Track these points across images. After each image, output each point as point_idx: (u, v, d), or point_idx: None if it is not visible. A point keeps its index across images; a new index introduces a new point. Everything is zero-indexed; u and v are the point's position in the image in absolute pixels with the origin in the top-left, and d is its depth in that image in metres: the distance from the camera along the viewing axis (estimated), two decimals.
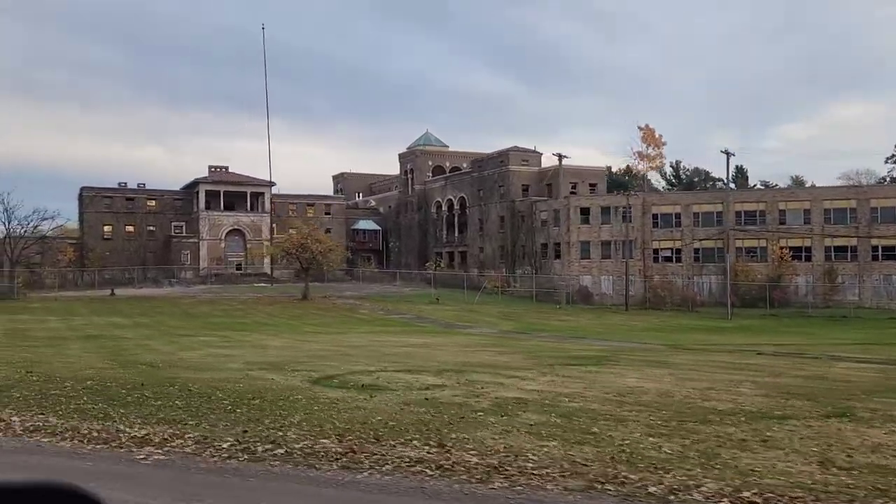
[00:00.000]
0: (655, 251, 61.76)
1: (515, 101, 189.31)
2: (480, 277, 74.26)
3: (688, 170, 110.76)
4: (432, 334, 32.07)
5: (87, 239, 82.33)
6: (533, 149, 74.93)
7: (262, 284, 77.42)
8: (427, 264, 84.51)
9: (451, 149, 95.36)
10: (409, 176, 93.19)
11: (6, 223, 63.76)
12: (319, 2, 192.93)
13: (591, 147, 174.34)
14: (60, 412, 9.19)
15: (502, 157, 74.33)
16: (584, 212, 63.64)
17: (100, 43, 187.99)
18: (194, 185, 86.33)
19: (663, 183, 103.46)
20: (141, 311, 45.43)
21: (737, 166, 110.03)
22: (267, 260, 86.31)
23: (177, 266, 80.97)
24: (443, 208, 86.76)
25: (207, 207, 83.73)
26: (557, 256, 66.36)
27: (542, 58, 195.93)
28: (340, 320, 41.04)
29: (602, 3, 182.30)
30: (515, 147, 74.20)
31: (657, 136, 69.95)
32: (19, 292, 57.05)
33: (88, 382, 11.82)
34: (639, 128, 73.02)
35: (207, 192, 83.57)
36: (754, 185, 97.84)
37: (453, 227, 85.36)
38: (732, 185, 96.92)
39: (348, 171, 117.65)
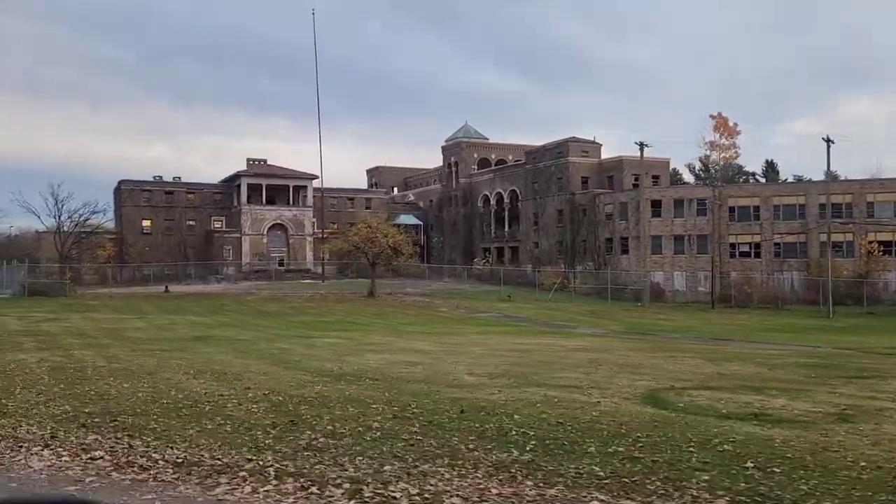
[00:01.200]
0: (732, 246, 58.61)
1: (524, 100, 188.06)
2: (536, 274, 71.38)
3: (717, 164, 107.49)
4: (552, 335, 29.18)
5: (125, 234, 79.87)
6: (592, 139, 71.89)
7: (309, 281, 74.70)
8: (475, 260, 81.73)
9: (494, 141, 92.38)
10: (453, 169, 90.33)
11: (57, 216, 61.06)
12: (327, 1, 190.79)
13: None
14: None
15: (560, 148, 71.30)
16: (655, 205, 60.55)
17: (108, 41, 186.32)
18: (234, 178, 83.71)
19: (692, 178, 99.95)
20: (210, 308, 42.73)
21: (767, 161, 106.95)
22: (310, 256, 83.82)
23: (218, 262, 78.40)
24: (491, 202, 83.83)
25: (248, 201, 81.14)
26: (625, 252, 63.35)
27: (551, 56, 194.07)
28: (430, 319, 38.16)
29: (610, 1, 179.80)
30: (574, 137, 71.19)
31: (731, 124, 66.76)
32: (70, 289, 54.48)
33: (399, 408, 8.98)
34: (711, 116, 69.83)
35: (248, 186, 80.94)
36: (785, 179, 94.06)
37: (502, 221, 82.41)
38: (763, 179, 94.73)
39: (383, 164, 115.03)
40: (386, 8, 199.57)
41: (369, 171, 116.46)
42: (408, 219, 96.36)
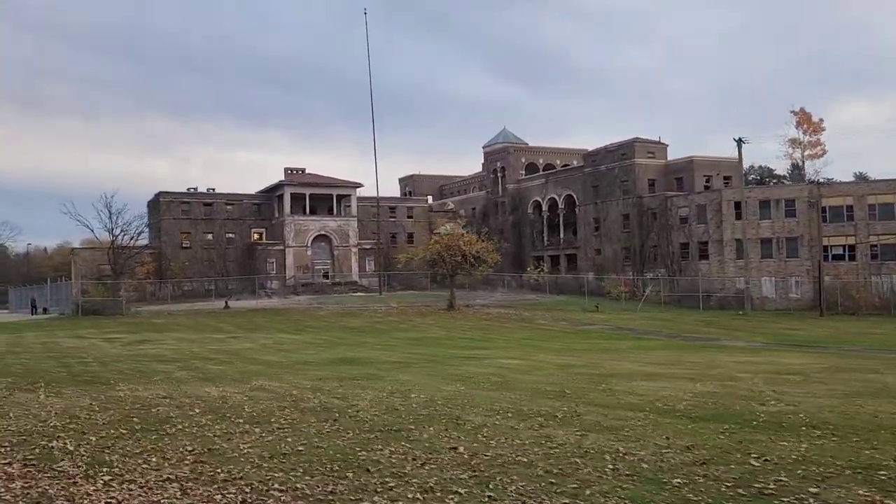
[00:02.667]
0: (825, 248, 55.00)
1: (516, 105, 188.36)
2: (599, 282, 67.80)
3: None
4: (729, 351, 25.54)
5: (164, 248, 76.38)
6: (658, 140, 68.44)
7: (361, 294, 71.17)
8: (529, 269, 78.11)
9: (541, 145, 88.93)
10: (499, 175, 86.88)
11: (111, 230, 57.58)
12: (319, 10, 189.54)
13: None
14: None
15: (624, 150, 67.85)
16: (738, 206, 56.97)
17: (102, 55, 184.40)
18: (275, 188, 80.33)
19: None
20: (292, 325, 39.16)
21: (793, 163, 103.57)
22: (355, 267, 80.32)
23: (262, 275, 74.82)
24: (543, 208, 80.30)
25: (291, 212, 77.69)
26: (703, 257, 59.76)
27: (544, 61, 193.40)
28: (547, 335, 34.48)
29: (604, 6, 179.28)
30: (638, 138, 67.70)
31: (815, 120, 63.21)
32: (125, 307, 50.92)
33: None
34: (792, 112, 66.29)
35: (291, 196, 77.48)
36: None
37: (556, 228, 78.89)
38: (787, 182, 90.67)
39: (418, 172, 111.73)
40: (377, 18, 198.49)
41: (402, 180, 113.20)
42: (450, 227, 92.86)
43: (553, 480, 6.33)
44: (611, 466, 6.81)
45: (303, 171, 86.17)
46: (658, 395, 12.01)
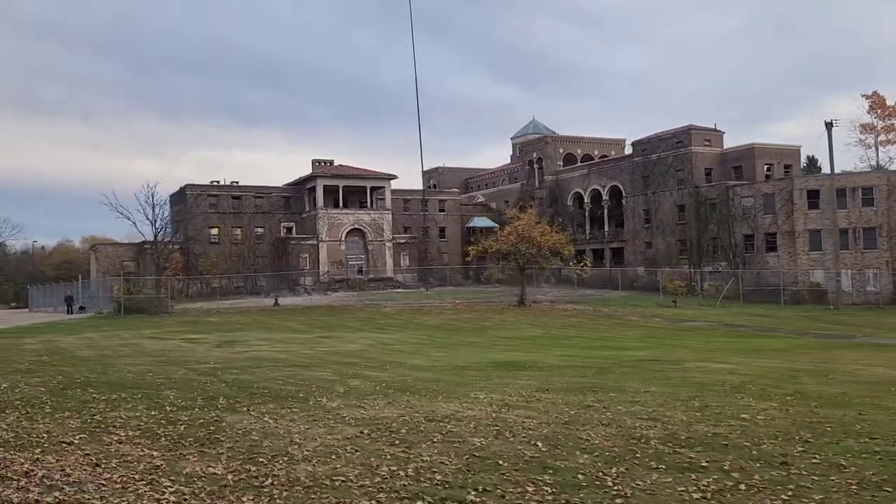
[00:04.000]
0: None
1: (514, 106, 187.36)
2: (651, 276, 64.75)
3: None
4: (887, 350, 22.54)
5: (191, 243, 72.97)
6: (713, 127, 65.35)
7: (402, 290, 67.99)
8: (571, 263, 74.98)
9: (578, 134, 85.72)
10: (535, 166, 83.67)
11: (153, 223, 54.27)
12: (315, 12, 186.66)
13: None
14: None
15: (679, 138, 64.76)
16: (812, 195, 54.02)
17: (95, 56, 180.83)
18: (306, 180, 77.05)
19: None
20: (364, 323, 35.96)
21: (808, 157, 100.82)
22: (390, 262, 77.12)
23: (295, 271, 71.53)
24: (585, 200, 77.19)
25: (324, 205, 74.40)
26: (771, 249, 56.77)
27: (541, 63, 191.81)
28: (670, 335, 31.39)
29: (600, 9, 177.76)
30: (693, 125, 64.62)
31: (891, 104, 60.11)
32: (169, 305, 47.62)
33: None
34: (864, 96, 63.20)
35: (324, 188, 74.14)
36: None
37: (600, 220, 75.82)
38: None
39: (443, 165, 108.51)
40: (373, 18, 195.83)
41: (426, 173, 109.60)
42: (482, 221, 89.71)
43: None
44: None
45: (331, 163, 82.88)
46: None
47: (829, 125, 44.24)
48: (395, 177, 79.35)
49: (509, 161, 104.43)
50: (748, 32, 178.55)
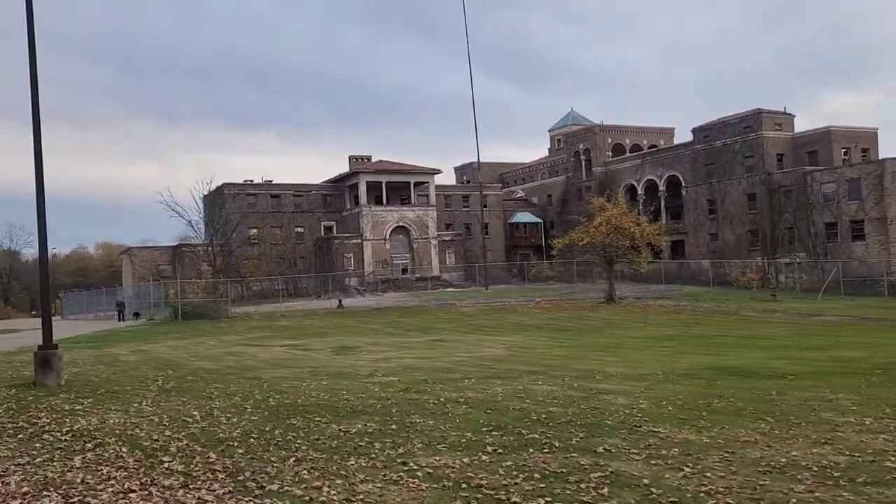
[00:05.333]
0: None
1: (509, 104, 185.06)
2: (718, 269, 61.25)
3: None
4: None
5: (231, 244, 69.74)
6: (783, 110, 61.79)
7: (452, 290, 64.62)
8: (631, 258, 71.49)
9: (626, 124, 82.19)
10: (582, 158, 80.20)
11: (210, 223, 51.08)
12: (309, 14, 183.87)
13: None
14: None
15: (748, 123, 61.17)
16: None
17: (88, 61, 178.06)
18: (347, 176, 73.83)
19: None
20: (456, 325, 32.62)
21: None
22: (435, 261, 73.79)
23: (340, 271, 68.25)
24: (638, 191, 73.68)
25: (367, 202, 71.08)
26: (858, 237, 53.20)
27: (535, 60, 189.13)
28: (836, 332, 27.96)
29: (592, 5, 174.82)
30: (762, 109, 61.04)
31: None
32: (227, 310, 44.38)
33: None
34: None
35: (367, 185, 70.86)
36: None
37: (657, 212, 72.20)
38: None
39: (474, 160, 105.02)
40: (364, 18, 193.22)
41: (458, 169, 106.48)
42: (525, 217, 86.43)
43: None
44: None
45: (368, 158, 79.72)
46: None
47: None
48: (439, 171, 76.16)
49: (547, 154, 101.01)
50: (736, 26, 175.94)
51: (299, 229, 72.90)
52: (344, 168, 77.08)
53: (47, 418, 9.53)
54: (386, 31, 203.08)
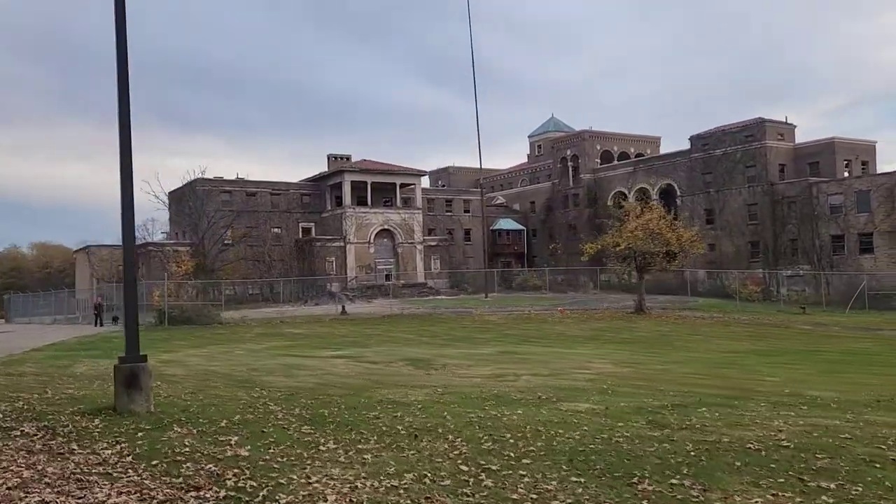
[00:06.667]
0: None
1: (452, 115, 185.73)
2: (714, 281, 59.75)
3: None
4: None
5: (205, 245, 64.80)
6: (785, 120, 60.87)
7: (442, 297, 61.36)
8: (617, 267, 69.48)
9: (614, 131, 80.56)
10: (569, 164, 78.14)
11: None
12: (252, 16, 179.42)
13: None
14: None
15: (750, 132, 59.96)
16: None
17: (18, 57, 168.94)
18: (329, 176, 69.86)
19: None
20: (490, 335, 29.44)
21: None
22: (420, 266, 70.41)
23: (321, 276, 64.16)
24: (629, 200, 71.81)
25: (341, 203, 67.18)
26: (866, 250, 52.28)
27: (480, 71, 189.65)
28: (881, 344, 25.83)
29: (534, 18, 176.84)
30: (764, 118, 59.96)
31: None
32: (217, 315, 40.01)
33: None
34: None
35: (351, 185, 66.97)
36: None
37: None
38: None
39: (453, 164, 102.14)
40: (312, 24, 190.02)
41: (434, 173, 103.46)
42: (508, 223, 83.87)
43: None
44: None
45: (348, 158, 75.87)
46: None
47: None
48: (425, 173, 72.94)
49: (526, 160, 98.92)
50: (675, 46, 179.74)
51: (276, 230, 68.50)
52: (290, 174, 73.12)
53: (207, 477, 6.03)
54: (333, 37, 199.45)
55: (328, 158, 75.50)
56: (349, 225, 66.24)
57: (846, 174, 57.60)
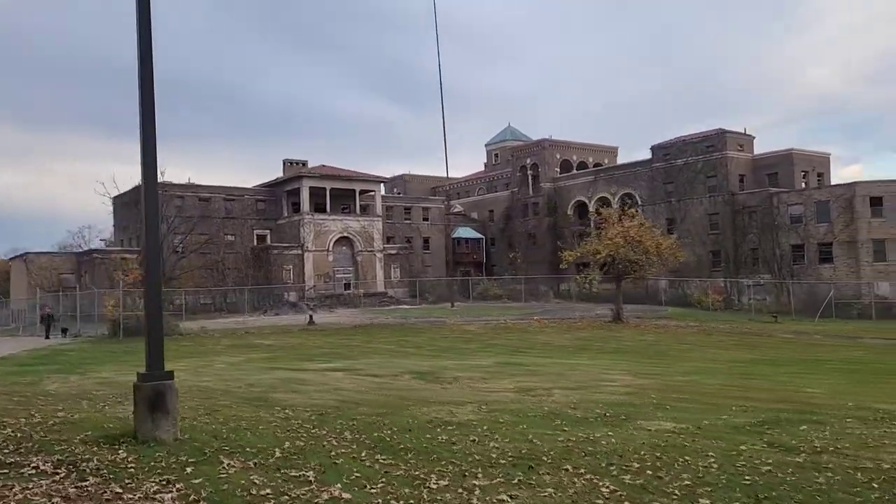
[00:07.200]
0: None
1: (394, 125, 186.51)
2: (676, 290, 60.10)
3: None
4: None
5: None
6: (744, 131, 61.80)
7: (405, 307, 59.84)
8: (578, 277, 69.15)
9: (572, 140, 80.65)
10: (529, 173, 77.84)
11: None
12: (192, 22, 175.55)
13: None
14: None
15: (711, 142, 60.63)
16: (875, 202, 50.99)
17: None
18: (284, 182, 67.60)
19: None
20: (478, 346, 28.28)
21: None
22: (380, 275, 68.71)
23: (277, 285, 61.81)
24: (590, 209, 71.95)
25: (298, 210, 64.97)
26: (825, 260, 53.25)
27: (421, 82, 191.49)
28: (868, 352, 25.75)
29: (474, 30, 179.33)
30: (724, 129, 60.77)
31: None
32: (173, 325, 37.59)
33: None
34: None
35: (309, 191, 64.83)
36: None
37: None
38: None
39: (408, 172, 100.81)
40: (252, 32, 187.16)
41: (388, 182, 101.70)
42: (467, 232, 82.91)
43: None
44: None
45: (305, 164, 73.77)
46: None
47: None
48: (386, 179, 71.44)
49: (483, 169, 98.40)
50: (618, 58, 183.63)
51: (230, 237, 65.78)
52: (234, 181, 70.57)
53: None
54: (276, 47, 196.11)
55: (284, 164, 73.29)
56: (307, 232, 64.11)
57: (804, 185, 58.76)
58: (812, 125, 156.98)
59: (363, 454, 7.40)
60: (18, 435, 8.37)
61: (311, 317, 40.95)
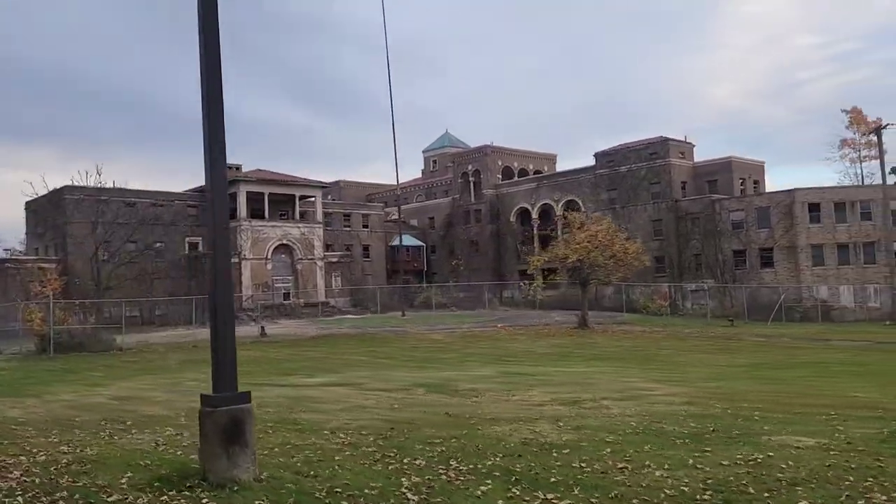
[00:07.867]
0: None
1: (312, 134, 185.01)
2: (620, 296, 60.38)
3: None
4: None
5: (71, 260, 57.17)
6: (685, 139, 62.88)
7: (351, 316, 57.61)
8: (523, 284, 68.65)
9: (514, 147, 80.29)
10: (472, 180, 77.00)
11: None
12: (101, 23, 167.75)
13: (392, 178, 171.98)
14: None
15: (654, 149, 61.36)
16: (813, 208, 52.59)
17: None
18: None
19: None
20: (459, 356, 26.84)
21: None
22: (321, 284, 66.15)
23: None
24: (533, 216, 71.74)
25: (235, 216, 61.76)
26: (767, 265, 54.53)
27: (341, 92, 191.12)
28: (849, 354, 25.84)
29: (398, 42, 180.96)
30: (666, 137, 61.66)
31: (871, 120, 60.22)
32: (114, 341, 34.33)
33: None
34: (843, 111, 63.32)
35: (247, 196, 61.63)
36: None
37: (550, 237, 70.50)
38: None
39: (344, 178, 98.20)
40: (163, 33, 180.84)
41: (327, 187, 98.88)
42: (407, 239, 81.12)
43: None
44: None
45: (239, 168, 70.28)
46: None
47: (878, 130, 42.17)
48: (326, 185, 68.98)
49: (420, 176, 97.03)
50: (543, 73, 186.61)
51: (159, 244, 61.72)
52: (151, 186, 66.02)
53: None
54: (184, 48, 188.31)
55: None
56: (245, 239, 60.92)
57: (741, 191, 60.26)
58: (717, 138, 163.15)
59: (516, 491, 5.83)
60: (37, 481, 6.34)
61: (262, 328, 38.39)
